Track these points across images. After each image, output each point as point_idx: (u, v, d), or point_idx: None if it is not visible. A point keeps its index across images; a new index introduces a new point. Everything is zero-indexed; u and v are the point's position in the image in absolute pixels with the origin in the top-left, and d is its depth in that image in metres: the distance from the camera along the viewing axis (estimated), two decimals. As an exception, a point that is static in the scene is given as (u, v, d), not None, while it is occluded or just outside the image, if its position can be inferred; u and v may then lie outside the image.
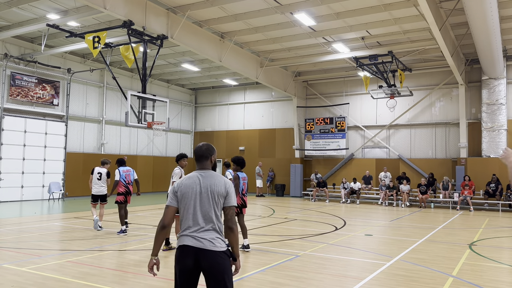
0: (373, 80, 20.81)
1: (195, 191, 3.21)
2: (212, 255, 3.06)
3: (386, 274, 6.57)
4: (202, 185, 3.22)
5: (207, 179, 3.25)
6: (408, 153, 21.52)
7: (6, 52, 17.63)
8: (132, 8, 13.24)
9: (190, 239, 3.12)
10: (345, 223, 12.73)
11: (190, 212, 3.18)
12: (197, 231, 3.13)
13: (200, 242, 3.09)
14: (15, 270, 6.42)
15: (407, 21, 15.19)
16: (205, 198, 3.19)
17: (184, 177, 3.33)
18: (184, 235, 3.15)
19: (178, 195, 3.25)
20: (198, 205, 3.18)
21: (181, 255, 3.12)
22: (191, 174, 3.33)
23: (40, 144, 18.79)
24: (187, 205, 3.20)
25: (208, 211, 3.17)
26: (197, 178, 3.26)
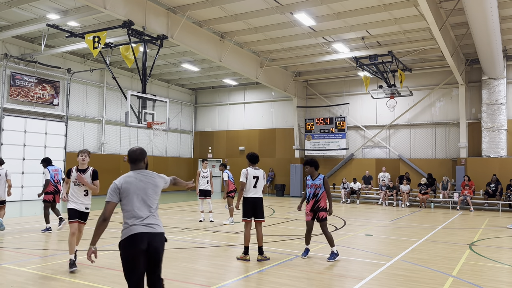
0: (373, 80, 20.82)
1: (138, 187, 3.82)
2: (159, 236, 3.87)
3: (386, 274, 6.57)
4: (143, 182, 3.85)
5: (145, 177, 3.90)
6: (408, 153, 21.52)
7: (6, 52, 17.63)
8: (132, 8, 13.24)
9: (141, 227, 3.73)
10: (345, 223, 12.73)
11: (136, 205, 3.78)
12: (145, 219, 3.76)
13: (151, 227, 3.78)
14: (15, 270, 6.42)
15: (407, 21, 15.20)
16: (147, 192, 3.84)
17: (124, 176, 3.87)
18: (135, 224, 3.71)
19: (121, 192, 3.80)
20: (142, 199, 3.81)
21: (136, 241, 3.67)
22: (130, 174, 3.90)
23: (40, 144, 18.79)
24: (132, 200, 3.78)
25: (151, 203, 3.85)
26: (136, 177, 3.87)
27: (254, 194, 7.48)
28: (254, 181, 7.48)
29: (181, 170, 26.68)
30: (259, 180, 7.54)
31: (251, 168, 7.57)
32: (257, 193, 7.51)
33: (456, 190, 18.97)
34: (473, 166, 19.05)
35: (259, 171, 7.60)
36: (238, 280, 6.17)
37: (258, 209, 7.49)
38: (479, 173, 18.61)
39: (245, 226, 7.49)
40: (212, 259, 7.57)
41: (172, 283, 5.87)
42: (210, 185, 12.42)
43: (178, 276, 6.26)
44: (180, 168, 26.64)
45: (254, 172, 7.54)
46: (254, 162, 7.63)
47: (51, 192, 10.42)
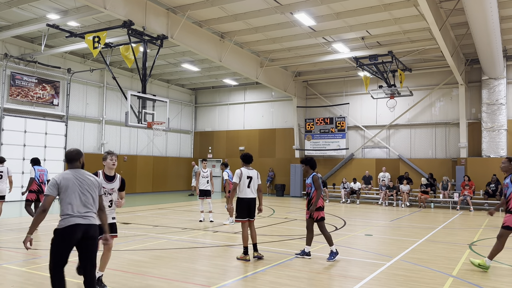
0: (373, 80, 20.82)
1: (74, 184, 4.33)
2: (95, 227, 4.36)
3: (386, 274, 6.57)
4: (80, 181, 4.37)
5: (81, 176, 4.44)
6: (408, 153, 21.53)
7: (6, 52, 17.63)
8: (132, 8, 13.24)
9: (79, 219, 4.25)
10: (345, 223, 12.73)
11: (75, 201, 4.30)
12: (83, 213, 4.30)
13: (88, 219, 4.30)
14: (15, 270, 6.41)
15: (407, 21, 15.20)
16: (84, 190, 4.35)
17: (62, 173, 4.38)
18: (73, 216, 4.24)
19: (60, 187, 4.29)
20: (79, 195, 4.32)
21: (73, 231, 4.20)
22: (67, 172, 4.41)
23: (40, 144, 18.78)
24: (70, 196, 4.29)
25: (88, 199, 4.37)
26: (74, 176, 4.39)
27: (249, 194, 7.49)
28: (248, 181, 7.50)
29: (181, 170, 26.69)
30: (253, 180, 7.56)
31: (244, 168, 7.59)
32: (252, 194, 7.53)
33: (456, 190, 18.97)
34: (473, 166, 19.05)
35: (252, 171, 7.61)
36: (238, 280, 6.17)
37: (252, 209, 7.55)
38: (479, 173, 18.61)
39: (242, 226, 7.52)
40: (212, 259, 7.57)
41: (172, 283, 5.87)
42: (210, 185, 12.42)
43: (178, 276, 6.26)
44: (180, 168, 26.64)
45: (248, 172, 7.54)
46: (247, 162, 7.65)
47: (35, 191, 10.58)
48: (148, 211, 15.17)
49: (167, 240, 9.25)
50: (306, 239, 7.72)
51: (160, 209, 15.94)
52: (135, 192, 23.40)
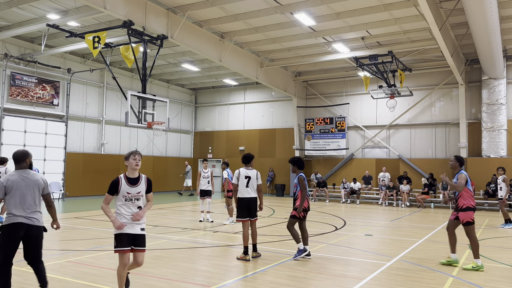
0: (373, 80, 20.82)
1: (21, 185, 4.62)
2: (38, 229, 4.69)
3: (386, 274, 6.57)
4: (26, 181, 4.66)
5: (28, 176, 4.72)
6: (408, 153, 21.52)
7: (6, 52, 17.63)
8: (132, 8, 13.24)
9: (22, 218, 4.57)
10: (345, 223, 12.73)
11: (19, 200, 4.58)
12: (28, 213, 4.60)
13: (30, 220, 4.62)
14: (15, 270, 6.39)
15: (407, 21, 15.20)
16: (29, 190, 4.65)
17: (8, 175, 4.69)
18: (17, 216, 4.55)
19: (6, 188, 4.60)
20: (24, 195, 4.61)
21: (15, 229, 4.56)
22: (13, 173, 4.72)
23: (40, 144, 18.78)
24: (15, 196, 4.59)
25: (33, 199, 4.66)
26: (20, 176, 4.69)
27: (248, 194, 7.53)
28: (246, 181, 7.55)
29: (181, 170, 26.66)
30: (251, 180, 7.58)
31: (243, 168, 7.67)
32: (251, 193, 7.56)
33: (456, 190, 18.94)
34: (473, 166, 19.04)
35: (251, 171, 7.66)
36: (238, 280, 6.17)
37: (253, 209, 7.57)
38: (479, 173, 18.59)
39: (243, 226, 7.55)
40: (212, 259, 7.57)
41: (172, 283, 5.87)
42: (211, 185, 12.43)
43: (178, 276, 6.26)
44: (180, 168, 26.62)
45: (246, 172, 7.60)
46: (246, 163, 7.72)
47: None
48: (148, 211, 15.15)
49: (167, 240, 9.25)
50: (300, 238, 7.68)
51: (160, 209, 15.93)
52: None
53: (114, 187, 4.81)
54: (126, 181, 4.84)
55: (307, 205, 7.76)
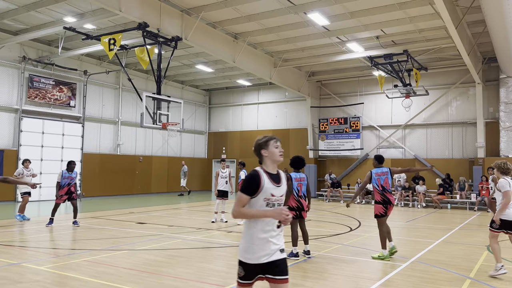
0: (388, 80, 20.62)
1: None
2: None
3: (401, 275, 6.51)
4: None
5: None
6: (424, 153, 21.26)
7: (25, 55, 17.97)
8: (146, 10, 13.38)
9: None
10: (360, 224, 12.64)
11: None
12: None
13: None
14: (34, 269, 6.54)
15: (423, 19, 15.02)
16: None
17: None
18: None
19: None
20: None
21: None
22: None
23: (57, 145, 19.11)
24: None
25: None
26: None
27: None
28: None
29: (195, 170, 26.84)
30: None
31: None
32: None
33: (474, 190, 18.66)
34: (491, 166, 18.71)
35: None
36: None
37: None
38: (497, 173, 18.25)
39: None
40: (226, 259, 7.60)
41: (188, 283, 5.92)
42: (229, 185, 12.48)
43: (193, 275, 6.30)
44: (194, 168, 26.79)
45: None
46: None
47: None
48: (163, 211, 15.30)
49: (182, 240, 9.33)
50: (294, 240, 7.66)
51: (175, 209, 16.06)
52: (150, 192, 23.62)
53: (254, 184, 3.18)
54: (269, 178, 3.26)
55: (295, 205, 7.66)
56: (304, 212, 7.78)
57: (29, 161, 12.98)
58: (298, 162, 7.78)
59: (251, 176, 3.23)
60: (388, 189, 7.96)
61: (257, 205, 3.19)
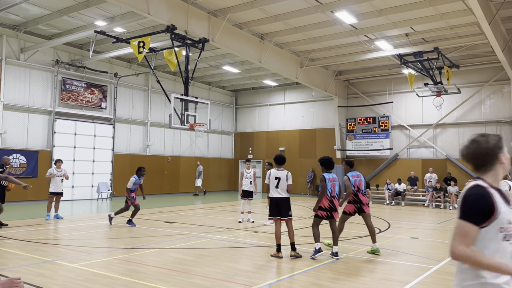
0: (418, 78, 20.14)
1: None
2: None
3: (433, 278, 6.34)
4: None
5: None
6: (456, 153, 20.66)
7: (58, 58, 18.57)
8: (174, 13, 13.57)
9: None
10: (389, 225, 12.41)
11: None
12: None
13: None
14: (67, 266, 6.74)
15: (454, 16, 14.60)
16: None
17: None
18: None
19: None
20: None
21: None
22: None
23: (89, 146, 19.64)
24: None
25: None
26: None
27: (276, 194, 7.74)
28: (276, 181, 7.78)
29: (222, 170, 27.04)
30: (281, 180, 7.77)
31: (274, 169, 7.90)
32: (280, 194, 7.75)
33: (509, 191, 17.99)
34: (527, 166, 17.98)
35: (282, 172, 7.86)
36: (279, 280, 6.16)
37: (282, 208, 7.73)
38: (535, 174, 17.56)
39: (275, 225, 7.81)
40: (253, 259, 7.61)
41: (215, 282, 5.96)
42: (253, 186, 12.50)
43: (220, 275, 6.34)
44: (221, 168, 27.00)
45: (277, 173, 7.81)
46: (279, 163, 7.95)
47: None
48: (191, 211, 15.48)
49: (209, 240, 9.40)
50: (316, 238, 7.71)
51: (202, 209, 16.21)
52: (178, 192, 23.94)
53: (486, 208, 2.17)
54: (501, 196, 2.23)
55: (328, 205, 7.66)
56: (336, 213, 7.76)
57: (61, 161, 13.17)
58: (330, 163, 7.92)
59: (479, 195, 2.19)
60: (362, 190, 8.17)
61: (488, 238, 2.18)
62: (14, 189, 16.64)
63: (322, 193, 7.65)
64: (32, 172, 17.36)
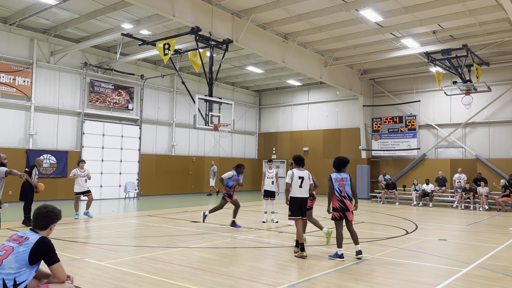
0: (447, 76, 19.66)
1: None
2: None
3: (462, 281, 6.18)
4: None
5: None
6: (486, 153, 20.06)
7: (86, 61, 19.05)
8: (199, 15, 13.71)
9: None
10: (416, 227, 12.16)
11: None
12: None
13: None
14: (96, 264, 6.91)
15: (483, 12, 14.17)
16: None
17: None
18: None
19: None
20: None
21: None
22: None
23: (117, 147, 20.07)
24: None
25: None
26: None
27: (300, 194, 7.82)
28: (300, 181, 7.85)
29: (245, 170, 26.95)
30: (304, 180, 7.87)
31: (296, 169, 7.96)
32: (303, 194, 7.86)
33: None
34: None
35: (304, 172, 7.96)
36: (303, 281, 6.13)
37: (304, 208, 7.88)
38: None
39: (296, 224, 7.89)
40: (277, 259, 7.60)
41: (239, 281, 5.98)
42: (275, 186, 12.49)
43: (244, 274, 6.37)
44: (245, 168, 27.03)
45: (299, 173, 7.88)
46: (299, 165, 8.05)
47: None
48: (216, 211, 15.56)
49: (233, 239, 9.45)
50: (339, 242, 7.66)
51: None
52: (203, 191, 24.15)
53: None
54: None
55: (339, 206, 7.61)
56: (349, 213, 7.66)
57: (84, 161, 13.16)
58: (339, 163, 7.88)
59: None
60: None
61: None
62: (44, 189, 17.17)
63: (330, 194, 7.66)
64: (62, 172, 17.86)
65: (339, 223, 7.65)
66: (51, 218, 3.91)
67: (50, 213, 3.90)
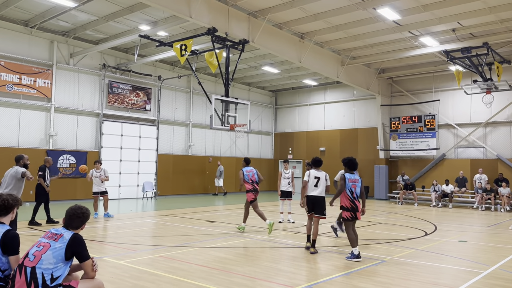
0: (467, 74, 19.29)
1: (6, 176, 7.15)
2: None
3: (482, 283, 6.06)
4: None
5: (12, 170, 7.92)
6: (508, 153, 19.61)
7: (104, 62, 19.33)
8: (215, 16, 13.78)
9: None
10: (436, 228, 11.97)
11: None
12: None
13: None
14: (114, 263, 7.00)
15: (504, 9, 13.85)
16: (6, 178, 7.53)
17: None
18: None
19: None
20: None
21: None
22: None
23: (135, 147, 20.32)
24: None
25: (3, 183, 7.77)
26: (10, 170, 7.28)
27: (315, 193, 8.14)
28: (316, 181, 8.17)
29: (262, 170, 27.03)
30: (320, 180, 8.21)
31: (313, 170, 8.36)
32: (318, 192, 8.16)
33: None
34: None
35: (321, 173, 8.31)
36: (321, 282, 6.10)
37: (317, 206, 8.11)
38: None
39: (308, 219, 8.30)
40: (294, 259, 7.58)
41: (256, 281, 5.99)
42: (291, 186, 12.46)
43: (260, 274, 6.37)
44: (261, 168, 26.99)
45: (316, 173, 8.26)
46: (316, 166, 8.43)
47: None
48: (232, 210, 15.63)
49: (249, 239, 9.46)
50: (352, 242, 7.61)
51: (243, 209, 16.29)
52: (219, 192, 24.24)
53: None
54: None
55: (350, 205, 7.62)
56: (358, 214, 7.69)
57: (100, 162, 13.28)
58: (353, 164, 7.93)
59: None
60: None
61: None
62: (64, 188, 17.47)
63: (339, 191, 7.74)
64: (81, 172, 18.13)
65: (350, 224, 7.62)
66: (84, 218, 4.10)
67: (85, 214, 4.09)
